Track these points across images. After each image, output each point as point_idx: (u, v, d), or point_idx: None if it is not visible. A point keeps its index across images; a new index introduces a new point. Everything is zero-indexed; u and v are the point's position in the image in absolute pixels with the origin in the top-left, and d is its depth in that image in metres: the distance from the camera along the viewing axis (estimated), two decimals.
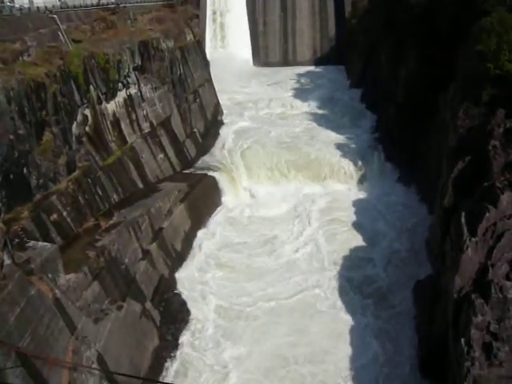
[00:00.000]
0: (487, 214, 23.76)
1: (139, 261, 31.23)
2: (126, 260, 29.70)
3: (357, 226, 40.53)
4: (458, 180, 28.59)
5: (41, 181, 26.96)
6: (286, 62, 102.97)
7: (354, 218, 41.85)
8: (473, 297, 21.70)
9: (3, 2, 36.89)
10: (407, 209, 42.40)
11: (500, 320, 20.63)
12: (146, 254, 32.18)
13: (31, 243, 22.85)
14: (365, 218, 41.62)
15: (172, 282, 33.64)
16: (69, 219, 28.43)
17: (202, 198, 42.91)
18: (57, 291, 21.57)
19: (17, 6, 36.58)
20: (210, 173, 46.06)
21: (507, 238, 22.98)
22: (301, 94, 74.86)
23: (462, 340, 20.77)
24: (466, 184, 27.53)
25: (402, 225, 40.03)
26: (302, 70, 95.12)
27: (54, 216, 27.15)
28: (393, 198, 44.42)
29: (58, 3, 42.01)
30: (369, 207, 43.57)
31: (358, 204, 44.16)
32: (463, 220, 24.71)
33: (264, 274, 35.35)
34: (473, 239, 23.63)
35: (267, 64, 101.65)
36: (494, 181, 25.30)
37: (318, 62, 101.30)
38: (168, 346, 28.96)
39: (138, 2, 57.85)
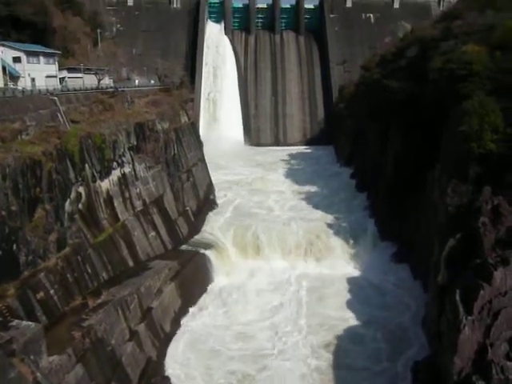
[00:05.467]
0: (482, 292, 23.54)
1: (126, 342, 30.03)
2: (113, 341, 28.55)
3: (351, 308, 39.26)
4: (450, 257, 28.62)
5: (30, 257, 26.56)
6: (277, 142, 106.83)
7: (347, 300, 40.71)
8: (473, 378, 20.96)
9: (7, 85, 38.52)
10: (401, 288, 41.72)
11: None
12: (134, 334, 31.04)
13: (15, 322, 22.08)
14: (359, 301, 40.35)
15: (160, 365, 32.13)
16: (55, 297, 27.68)
17: (193, 277, 42.15)
18: (38, 374, 20.48)
19: (19, 88, 38.15)
20: (202, 251, 45.71)
21: (504, 315, 22.63)
22: (291, 173, 76.63)
23: None
24: (458, 261, 27.52)
25: (398, 307, 38.91)
26: (293, 150, 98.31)
27: (41, 294, 26.45)
28: (387, 278, 43.78)
29: (59, 86, 43.92)
30: (362, 288, 42.64)
31: (350, 285, 43.30)
32: (458, 298, 24.42)
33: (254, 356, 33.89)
34: (469, 318, 23.22)
35: (259, 144, 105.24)
36: (486, 257, 25.35)
37: (307, 143, 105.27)
38: None
39: (136, 86, 60.61)
